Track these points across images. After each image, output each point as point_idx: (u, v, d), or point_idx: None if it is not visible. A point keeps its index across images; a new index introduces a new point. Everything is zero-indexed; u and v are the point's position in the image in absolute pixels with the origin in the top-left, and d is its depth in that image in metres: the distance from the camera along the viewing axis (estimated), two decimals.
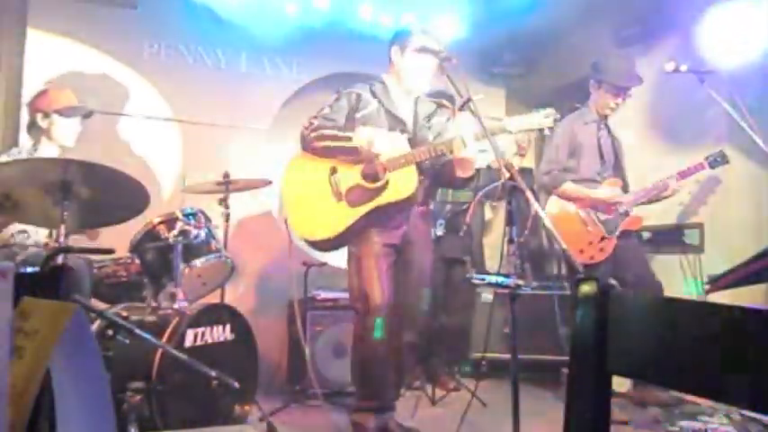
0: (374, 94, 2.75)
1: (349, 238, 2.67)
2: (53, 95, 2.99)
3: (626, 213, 3.24)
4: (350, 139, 2.58)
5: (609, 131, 3.42)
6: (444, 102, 3.11)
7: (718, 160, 3.21)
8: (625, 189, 3.36)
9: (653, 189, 3.26)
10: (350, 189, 2.65)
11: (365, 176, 2.63)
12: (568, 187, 3.29)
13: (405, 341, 2.78)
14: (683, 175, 3.24)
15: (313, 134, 2.65)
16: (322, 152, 2.67)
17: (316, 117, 2.71)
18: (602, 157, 3.33)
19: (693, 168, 3.24)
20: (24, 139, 3.38)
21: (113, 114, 3.56)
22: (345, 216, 2.62)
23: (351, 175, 2.65)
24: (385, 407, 2.66)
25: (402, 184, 2.60)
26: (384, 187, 2.61)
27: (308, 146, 2.69)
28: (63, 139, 2.97)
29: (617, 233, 3.23)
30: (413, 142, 2.69)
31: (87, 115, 3.08)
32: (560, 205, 3.32)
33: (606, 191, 3.27)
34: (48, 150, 2.97)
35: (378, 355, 2.59)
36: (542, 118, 2.41)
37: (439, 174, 2.82)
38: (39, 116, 2.94)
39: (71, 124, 2.98)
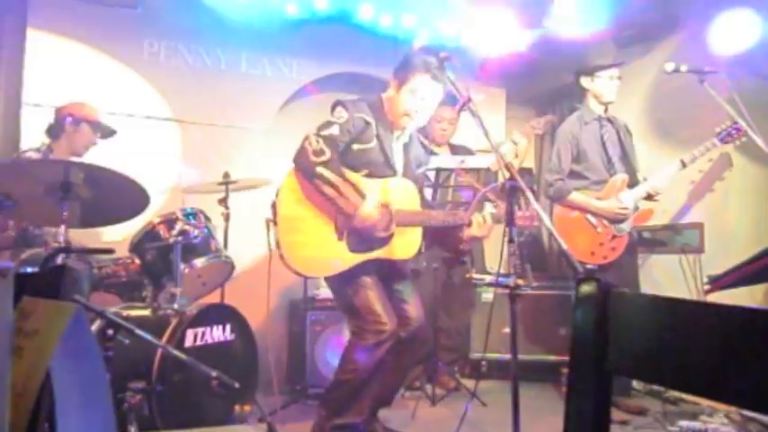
0: (376, 129, 2.56)
1: (337, 276, 2.50)
2: (89, 107, 3.24)
3: (635, 209, 3.24)
4: (354, 206, 2.38)
5: (612, 124, 3.39)
6: (429, 147, 3.03)
7: (733, 134, 3.12)
8: (632, 182, 3.34)
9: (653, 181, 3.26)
10: (353, 230, 2.48)
11: None
12: (573, 198, 3.27)
13: (415, 352, 2.65)
14: (693, 157, 3.20)
15: (320, 170, 2.36)
16: (315, 190, 2.41)
17: (324, 139, 2.41)
18: (607, 154, 3.31)
19: (703, 149, 3.20)
20: (27, 138, 3.43)
21: (113, 114, 3.56)
22: (342, 259, 2.45)
23: None
24: (369, 421, 2.57)
25: (406, 244, 2.49)
26: (388, 240, 2.49)
27: (306, 173, 2.41)
28: (80, 147, 3.17)
29: (628, 229, 3.23)
30: None
31: (108, 135, 3.21)
32: (567, 210, 3.31)
33: (607, 203, 3.23)
34: (60, 153, 3.10)
35: (377, 372, 2.47)
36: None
37: (437, 233, 2.65)
38: (68, 120, 3.13)
39: (92, 137, 3.20)
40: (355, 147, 2.52)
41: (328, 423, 2.51)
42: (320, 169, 2.36)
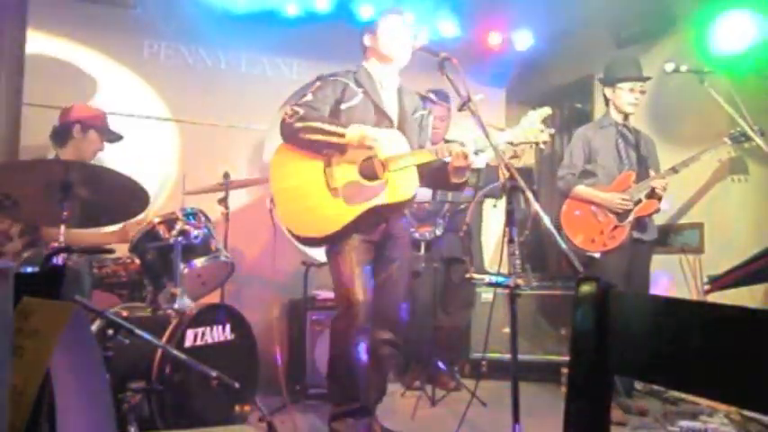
0: (359, 84, 2.60)
1: (340, 237, 2.49)
2: (97, 112, 3.19)
3: (638, 201, 3.27)
4: (341, 135, 2.42)
5: (631, 132, 3.47)
6: (428, 95, 3.12)
7: (744, 136, 3.16)
8: (640, 179, 3.37)
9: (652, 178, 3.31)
10: (346, 185, 2.50)
11: (362, 173, 2.51)
12: (578, 190, 3.41)
13: (384, 339, 2.61)
14: (685, 163, 3.25)
15: (299, 124, 2.45)
16: (308, 145, 2.49)
17: (298, 105, 2.52)
18: (619, 156, 3.41)
19: (697, 154, 3.25)
20: (27, 140, 3.42)
21: (113, 114, 3.56)
22: (343, 214, 2.45)
23: (347, 171, 2.49)
24: (366, 408, 2.54)
25: (403, 185, 2.48)
26: (383, 187, 2.49)
27: (291, 136, 2.51)
28: (88, 153, 3.11)
29: (629, 220, 3.27)
30: None
31: (115, 140, 3.19)
32: (573, 204, 3.44)
33: (608, 195, 3.32)
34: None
35: (358, 353, 2.46)
36: (539, 126, 2.37)
37: (431, 176, 2.68)
38: (76, 126, 3.06)
39: (100, 144, 3.15)
40: (343, 107, 2.57)
41: (338, 412, 2.53)
42: (298, 123, 2.46)
